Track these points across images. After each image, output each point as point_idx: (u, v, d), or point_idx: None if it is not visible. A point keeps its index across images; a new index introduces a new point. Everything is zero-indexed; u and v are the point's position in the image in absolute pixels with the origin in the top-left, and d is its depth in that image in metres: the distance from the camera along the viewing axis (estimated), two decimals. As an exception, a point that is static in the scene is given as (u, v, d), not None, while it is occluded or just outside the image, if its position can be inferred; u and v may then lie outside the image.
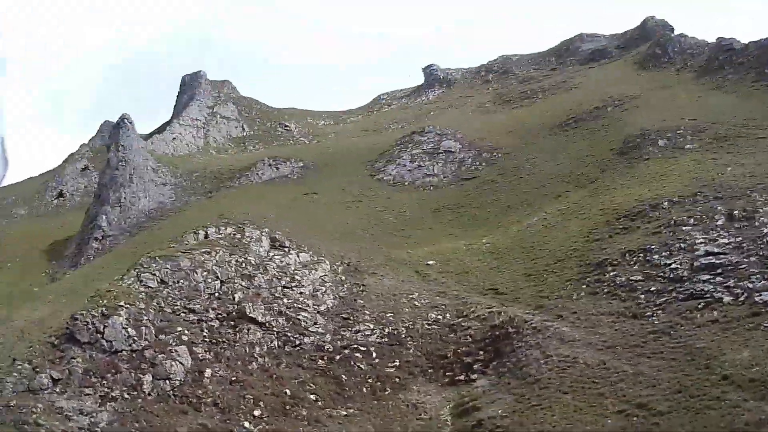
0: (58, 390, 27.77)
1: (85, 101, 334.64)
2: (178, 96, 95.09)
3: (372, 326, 34.83)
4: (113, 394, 28.06)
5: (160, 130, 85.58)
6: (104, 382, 28.50)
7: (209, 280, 34.73)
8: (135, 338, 30.26)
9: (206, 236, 38.77)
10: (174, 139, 78.54)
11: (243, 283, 35.24)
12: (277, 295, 35.55)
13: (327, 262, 39.68)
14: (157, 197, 60.73)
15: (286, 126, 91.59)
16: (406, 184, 60.37)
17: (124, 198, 59.21)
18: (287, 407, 29.79)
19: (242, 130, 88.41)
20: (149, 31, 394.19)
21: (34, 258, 69.30)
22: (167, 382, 29.35)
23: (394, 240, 47.83)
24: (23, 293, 56.18)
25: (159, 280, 33.65)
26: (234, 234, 38.80)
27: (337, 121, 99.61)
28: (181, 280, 33.98)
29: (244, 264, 36.51)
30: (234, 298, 34.09)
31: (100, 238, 56.70)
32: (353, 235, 48.44)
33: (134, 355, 29.85)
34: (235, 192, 59.73)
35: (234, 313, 33.19)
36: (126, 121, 66.46)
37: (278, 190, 59.60)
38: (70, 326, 30.17)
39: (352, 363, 32.63)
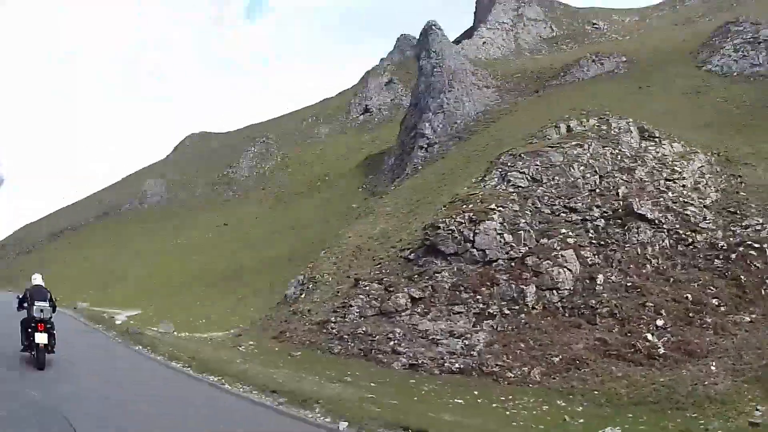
0: (419, 311, 24.33)
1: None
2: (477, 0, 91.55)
3: (761, 220, 28.40)
4: (490, 311, 23.89)
5: (466, 35, 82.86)
6: (478, 297, 24.45)
7: (587, 175, 29.92)
8: (513, 244, 26.08)
9: (569, 129, 34.07)
10: (484, 43, 74.61)
11: (623, 177, 30.04)
12: (660, 188, 30.01)
13: (700, 153, 33.53)
14: (481, 100, 57.08)
15: (595, 24, 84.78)
16: (735, 74, 51.89)
17: (447, 103, 56.20)
18: (690, 314, 24.36)
19: (551, 30, 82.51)
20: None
21: (348, 175, 70.00)
22: (554, 292, 24.88)
23: (744, 130, 40.68)
24: (347, 211, 55.95)
25: (530, 178, 29.41)
26: (599, 125, 33.62)
27: (642, 17, 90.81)
28: (556, 177, 29.44)
29: (619, 156, 31.27)
30: (618, 194, 29.05)
31: (426, 146, 54.29)
32: (705, 126, 41.99)
33: (513, 264, 25.62)
34: (564, 90, 54.48)
35: (620, 210, 28.14)
36: (434, 27, 63.18)
37: (608, 85, 53.66)
38: (431, 237, 26.59)
39: (748, 262, 26.52)
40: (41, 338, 16.68)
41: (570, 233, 26.85)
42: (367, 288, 26.09)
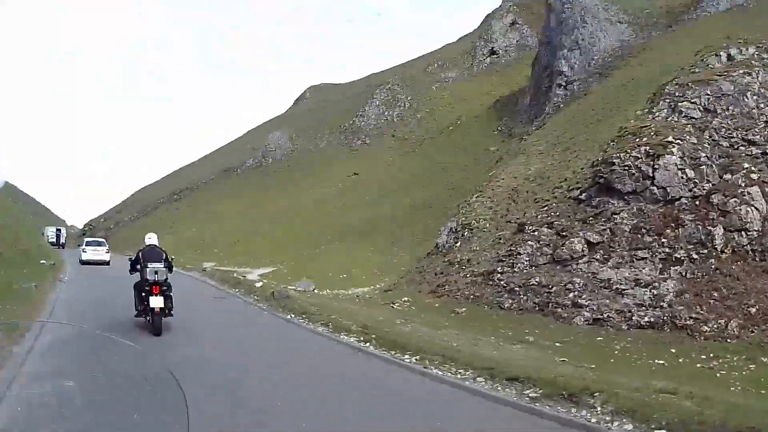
0: (598, 257, 22.17)
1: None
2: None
3: None
4: (677, 256, 21.62)
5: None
6: (663, 240, 22.23)
7: (761, 105, 27.32)
8: (696, 181, 23.97)
9: (729, 57, 31.27)
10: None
11: (797, 106, 27.30)
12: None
13: None
14: (616, 35, 53.73)
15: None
16: None
17: (582, 39, 53.34)
18: None
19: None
20: None
21: (480, 118, 68.30)
22: (743, 234, 22.80)
23: None
24: (484, 154, 54.34)
25: (702, 109, 27.05)
26: (758, 53, 30.67)
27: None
28: (730, 107, 26.95)
29: (788, 85, 28.42)
30: (794, 125, 26.33)
31: (564, 84, 51.94)
32: None
33: (697, 202, 23.39)
34: (697, 24, 50.32)
35: (801, 142, 25.56)
36: (559, -38, 59.95)
37: (742, 18, 49.08)
38: (604, 174, 24.38)
39: None
40: (156, 302, 15.53)
41: (753, 168, 24.50)
42: (536, 233, 24.24)
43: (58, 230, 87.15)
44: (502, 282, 23.20)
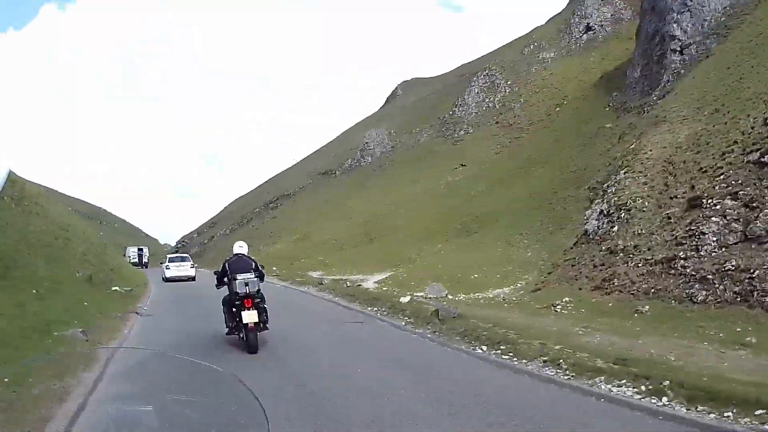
0: None
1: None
2: None
3: None
4: None
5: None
6: None
7: None
8: None
9: None
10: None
11: None
12: None
13: None
14: (721, -7, 49.22)
15: None
16: None
17: (690, 1, 48.89)
18: None
19: None
20: None
21: (587, 96, 65.02)
22: None
23: None
24: (600, 132, 50.86)
25: None
26: None
27: None
28: None
29: None
30: None
31: (680, 49, 47.56)
32: None
33: None
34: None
35: None
36: None
37: None
38: None
39: None
40: (249, 317, 14.03)
41: None
42: (717, 207, 20.11)
43: (140, 249, 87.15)
44: (688, 269, 18.97)
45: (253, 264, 15.16)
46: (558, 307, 20.62)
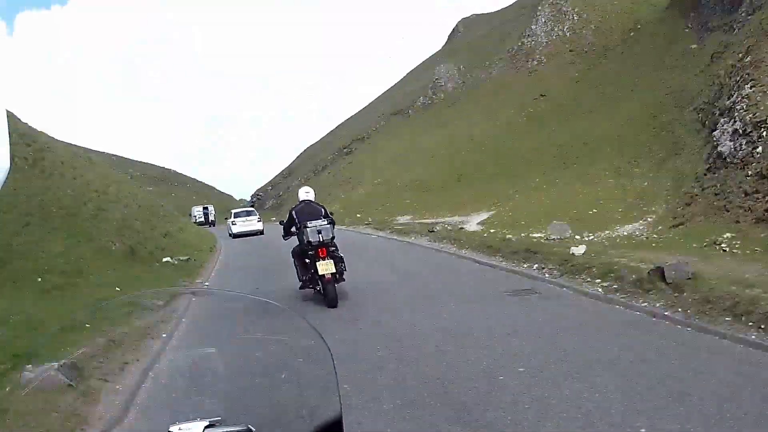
0: None
1: None
2: None
3: None
4: None
5: None
6: None
7: None
8: None
9: None
10: None
11: None
12: None
13: None
14: None
15: None
16: None
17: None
18: None
19: None
20: None
21: (663, 18, 63.92)
22: None
23: None
24: (687, 52, 50.17)
25: None
26: None
27: None
28: None
29: None
30: None
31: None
32: None
33: None
34: None
35: None
36: None
37: None
38: None
39: None
40: (325, 267, 12.79)
41: None
42: None
43: (205, 208, 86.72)
44: None
45: (323, 210, 14.13)
46: (722, 245, 16.30)
